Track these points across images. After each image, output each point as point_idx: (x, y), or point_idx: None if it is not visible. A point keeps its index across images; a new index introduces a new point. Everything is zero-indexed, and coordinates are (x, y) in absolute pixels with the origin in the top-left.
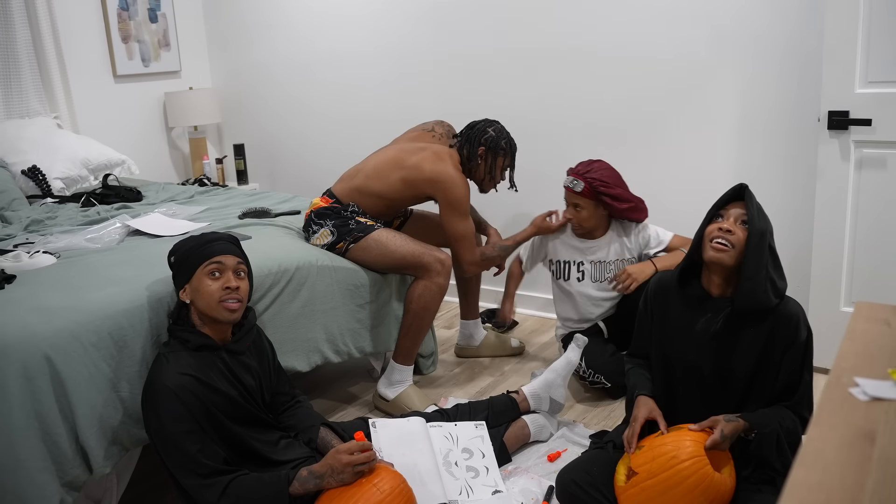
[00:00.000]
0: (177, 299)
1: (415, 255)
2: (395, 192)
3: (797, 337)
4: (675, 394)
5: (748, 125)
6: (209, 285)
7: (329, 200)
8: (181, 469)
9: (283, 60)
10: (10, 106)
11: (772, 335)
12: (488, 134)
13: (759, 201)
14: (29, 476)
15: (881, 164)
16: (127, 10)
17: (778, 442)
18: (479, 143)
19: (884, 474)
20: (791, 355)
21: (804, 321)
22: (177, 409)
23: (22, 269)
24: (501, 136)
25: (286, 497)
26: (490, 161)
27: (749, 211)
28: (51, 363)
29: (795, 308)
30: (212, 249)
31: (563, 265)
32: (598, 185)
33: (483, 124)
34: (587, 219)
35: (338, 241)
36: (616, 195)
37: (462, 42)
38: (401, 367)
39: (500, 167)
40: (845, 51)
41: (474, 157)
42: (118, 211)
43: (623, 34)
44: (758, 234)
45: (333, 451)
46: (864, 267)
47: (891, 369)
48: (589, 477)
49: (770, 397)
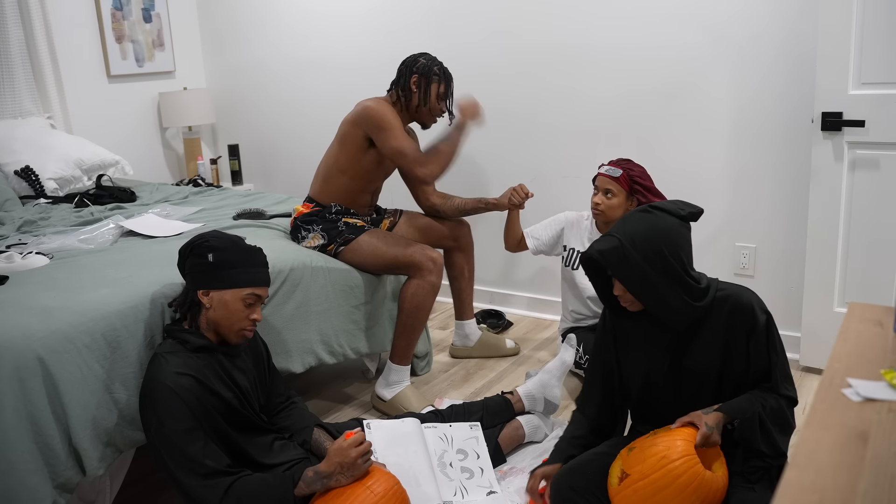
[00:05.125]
0: (190, 295)
1: (406, 254)
2: (348, 158)
3: (756, 323)
4: (655, 404)
5: (742, 126)
6: (240, 310)
7: (310, 206)
8: (182, 470)
9: (278, 61)
10: (2, 106)
11: (730, 328)
12: (419, 62)
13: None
14: (21, 478)
15: (874, 165)
16: (121, 9)
17: (761, 425)
18: (412, 73)
19: (876, 475)
20: (755, 342)
21: (759, 306)
22: (178, 407)
23: (14, 270)
24: (434, 63)
25: (291, 499)
26: (424, 88)
27: (625, 282)
28: (43, 364)
29: (747, 296)
30: (260, 277)
31: (573, 253)
32: (635, 175)
33: (413, 56)
34: (616, 207)
35: (328, 243)
36: (649, 188)
37: (458, 42)
38: (397, 368)
39: (434, 94)
40: (839, 52)
41: (408, 89)
42: (112, 211)
43: (617, 35)
44: (639, 282)
45: (336, 449)
46: (857, 268)
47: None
48: (583, 480)
49: (748, 385)
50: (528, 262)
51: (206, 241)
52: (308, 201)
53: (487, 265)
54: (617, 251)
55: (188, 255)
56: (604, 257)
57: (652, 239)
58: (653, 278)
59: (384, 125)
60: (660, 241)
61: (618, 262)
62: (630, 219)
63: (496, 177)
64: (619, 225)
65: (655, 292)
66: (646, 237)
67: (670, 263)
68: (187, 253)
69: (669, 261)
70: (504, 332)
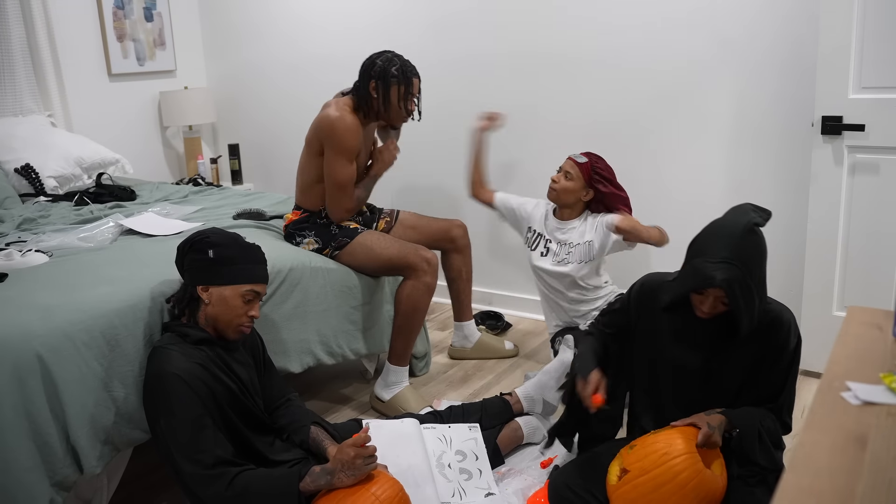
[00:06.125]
0: (189, 291)
1: (401, 255)
2: (317, 166)
3: (787, 344)
4: (662, 398)
5: (742, 130)
6: (238, 306)
7: (298, 213)
8: (189, 461)
9: (279, 60)
10: (3, 103)
11: (764, 341)
12: (376, 66)
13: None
14: (18, 476)
15: (874, 169)
16: (122, 8)
17: (760, 439)
18: (370, 78)
19: (875, 479)
20: (779, 361)
21: (795, 329)
22: (187, 395)
23: (14, 268)
24: (391, 64)
25: (296, 493)
26: (382, 92)
27: (735, 302)
28: (42, 362)
29: (787, 316)
30: (259, 274)
31: (536, 236)
32: (599, 168)
33: (371, 58)
34: (570, 191)
35: (323, 247)
36: (610, 180)
37: (458, 46)
38: (396, 369)
39: (395, 97)
40: (839, 56)
41: (367, 94)
42: (111, 210)
43: (617, 40)
44: (747, 302)
45: (339, 446)
46: (856, 272)
47: (882, 374)
48: (582, 480)
49: (755, 399)
50: (527, 263)
51: (206, 238)
52: (296, 208)
53: (486, 267)
54: (740, 282)
55: (188, 251)
56: (730, 287)
57: (761, 263)
58: (756, 296)
59: (335, 144)
60: (763, 263)
61: (740, 291)
62: (743, 242)
63: (496, 177)
64: (731, 247)
65: (754, 307)
66: (758, 263)
67: (765, 281)
68: (186, 249)
69: (765, 279)
70: (503, 333)
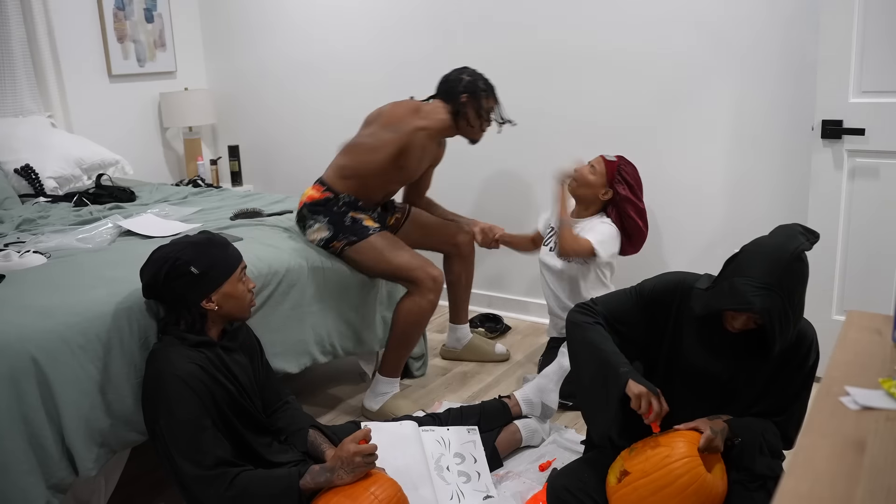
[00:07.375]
0: (194, 311)
1: (409, 267)
2: (380, 170)
3: (806, 360)
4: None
5: (742, 133)
6: (241, 290)
7: (320, 188)
8: (189, 462)
9: (279, 62)
10: (3, 104)
11: (786, 355)
12: (464, 81)
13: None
14: (13, 478)
15: (874, 173)
16: (123, 9)
17: (761, 452)
18: (460, 92)
19: (874, 484)
20: (795, 376)
21: (816, 346)
22: (187, 396)
23: (11, 269)
24: (478, 79)
25: (296, 491)
26: (475, 106)
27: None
28: (37, 364)
29: (811, 332)
30: (235, 254)
31: (551, 231)
32: (624, 171)
33: (455, 73)
34: (590, 184)
35: (334, 238)
36: (630, 185)
37: (459, 46)
38: (386, 380)
39: (486, 109)
40: (839, 60)
41: (460, 106)
42: (111, 211)
43: (618, 41)
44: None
45: (341, 443)
46: (856, 276)
47: (882, 378)
48: (580, 483)
49: (763, 410)
50: (527, 266)
51: (176, 261)
52: (320, 184)
53: (486, 269)
54: (780, 310)
55: (165, 282)
56: (769, 315)
57: (802, 291)
58: (793, 323)
59: (405, 151)
60: (804, 290)
61: (778, 318)
62: (790, 269)
63: (497, 178)
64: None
65: (789, 332)
66: (801, 291)
67: (804, 306)
68: (162, 281)
69: (804, 304)
70: (501, 336)
